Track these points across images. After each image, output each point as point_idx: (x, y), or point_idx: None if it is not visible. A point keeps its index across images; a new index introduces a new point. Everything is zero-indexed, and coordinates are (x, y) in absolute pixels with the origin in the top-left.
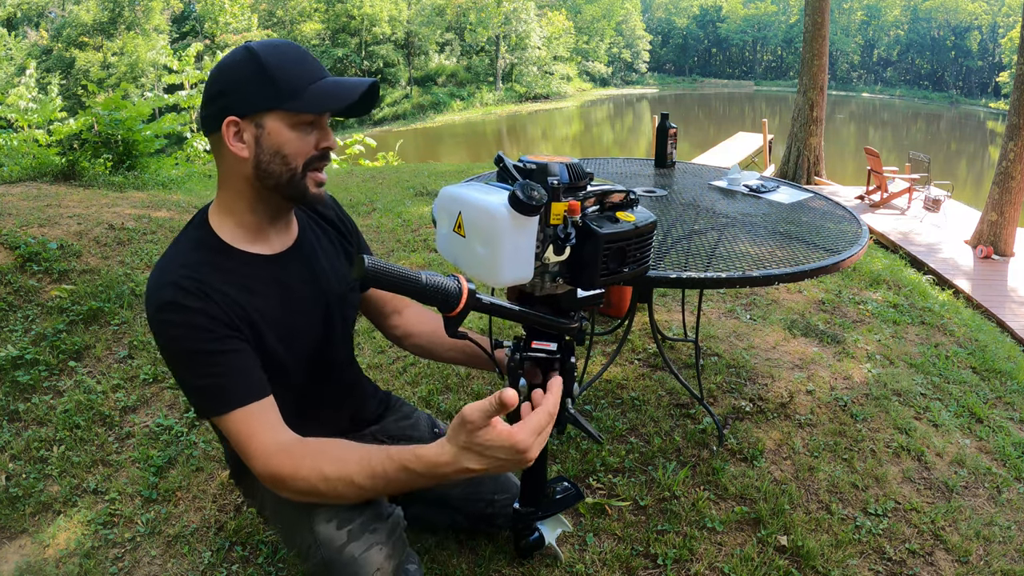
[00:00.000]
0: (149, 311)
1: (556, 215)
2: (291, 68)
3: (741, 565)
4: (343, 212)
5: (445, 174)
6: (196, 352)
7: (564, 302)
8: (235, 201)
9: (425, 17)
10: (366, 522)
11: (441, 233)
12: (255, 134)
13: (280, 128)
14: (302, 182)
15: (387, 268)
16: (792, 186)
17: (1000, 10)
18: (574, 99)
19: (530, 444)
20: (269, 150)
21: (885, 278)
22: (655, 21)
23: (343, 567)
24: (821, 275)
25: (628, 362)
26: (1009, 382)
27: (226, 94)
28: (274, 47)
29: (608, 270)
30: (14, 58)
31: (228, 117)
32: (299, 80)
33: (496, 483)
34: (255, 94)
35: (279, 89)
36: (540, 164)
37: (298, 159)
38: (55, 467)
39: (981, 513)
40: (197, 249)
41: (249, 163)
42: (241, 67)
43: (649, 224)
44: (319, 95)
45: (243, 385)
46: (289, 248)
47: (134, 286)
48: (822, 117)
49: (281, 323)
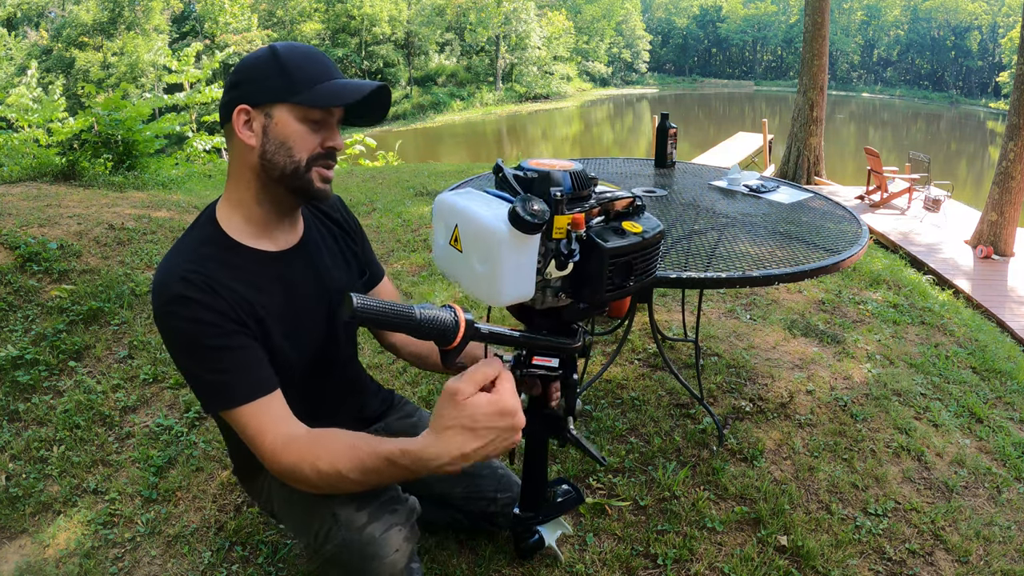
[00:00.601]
0: (156, 304)
1: (559, 229)
2: (307, 66)
3: (741, 565)
4: (349, 214)
5: (445, 174)
6: (203, 347)
7: (566, 314)
8: (243, 193)
9: (425, 17)
10: (386, 503)
11: (437, 244)
12: (264, 123)
13: (288, 120)
14: (306, 175)
15: (378, 307)
16: (792, 186)
17: (1000, 10)
18: (574, 99)
19: (517, 403)
20: (275, 140)
21: (885, 278)
22: (655, 21)
23: (363, 546)
24: (821, 275)
25: (628, 362)
26: (1009, 382)
27: (241, 84)
28: (295, 47)
29: (613, 285)
30: (14, 58)
31: (240, 105)
32: (311, 77)
33: (498, 481)
34: (268, 85)
35: (291, 82)
36: (542, 173)
37: (303, 153)
38: (55, 467)
39: (981, 513)
40: (204, 244)
41: (256, 152)
42: (260, 61)
43: (656, 234)
44: (327, 92)
45: (250, 380)
46: (295, 246)
47: (134, 286)
48: (822, 117)
49: (286, 320)
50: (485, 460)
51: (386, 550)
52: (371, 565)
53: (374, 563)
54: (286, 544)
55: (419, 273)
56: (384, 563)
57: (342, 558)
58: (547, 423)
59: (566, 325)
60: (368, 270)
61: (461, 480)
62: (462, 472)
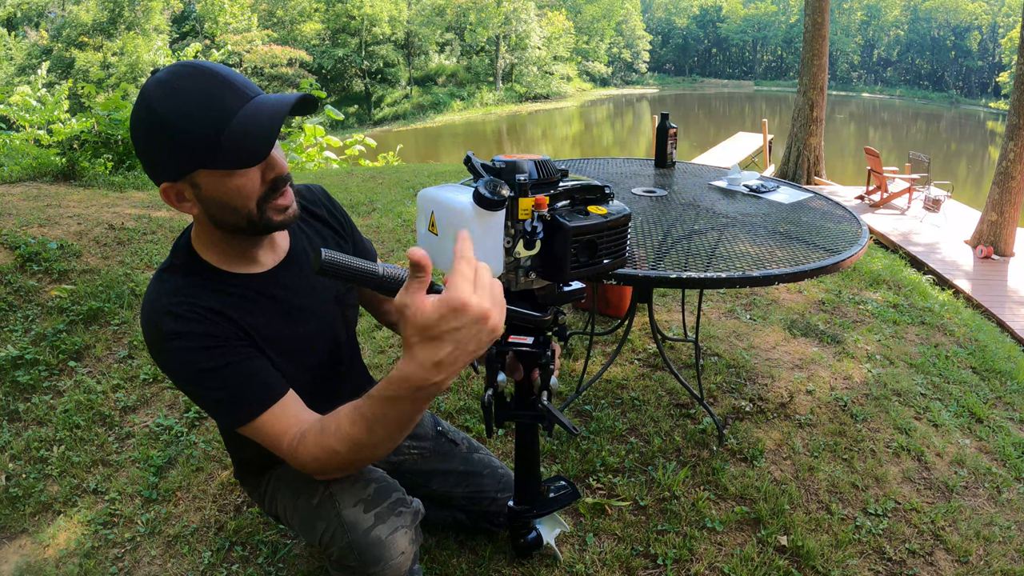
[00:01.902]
0: (149, 342)
1: (524, 210)
2: (195, 119)
3: (741, 565)
4: (334, 205)
5: (445, 174)
6: (207, 371)
7: (542, 297)
8: (210, 237)
9: (425, 17)
10: (393, 505)
11: (420, 233)
12: (194, 192)
13: (214, 181)
14: (263, 218)
15: (345, 261)
16: (792, 186)
17: (1000, 10)
18: (574, 99)
19: (467, 293)
20: (214, 204)
21: (885, 278)
22: (655, 21)
23: (369, 548)
24: (821, 275)
25: (628, 362)
26: (1009, 382)
27: (145, 160)
28: (171, 91)
29: (579, 263)
30: (14, 58)
31: (161, 184)
32: (207, 133)
33: (498, 481)
34: (171, 160)
35: (191, 151)
36: (509, 162)
37: (248, 202)
38: (55, 467)
39: (981, 513)
40: (187, 275)
41: (202, 216)
42: (147, 130)
43: (622, 217)
44: (235, 149)
45: (259, 390)
46: (281, 261)
47: (134, 286)
48: (822, 117)
49: (283, 338)
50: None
51: (392, 552)
52: (377, 568)
53: (379, 566)
54: (286, 544)
55: None
56: (390, 565)
57: (347, 561)
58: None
59: (539, 307)
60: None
61: (462, 480)
62: (463, 473)
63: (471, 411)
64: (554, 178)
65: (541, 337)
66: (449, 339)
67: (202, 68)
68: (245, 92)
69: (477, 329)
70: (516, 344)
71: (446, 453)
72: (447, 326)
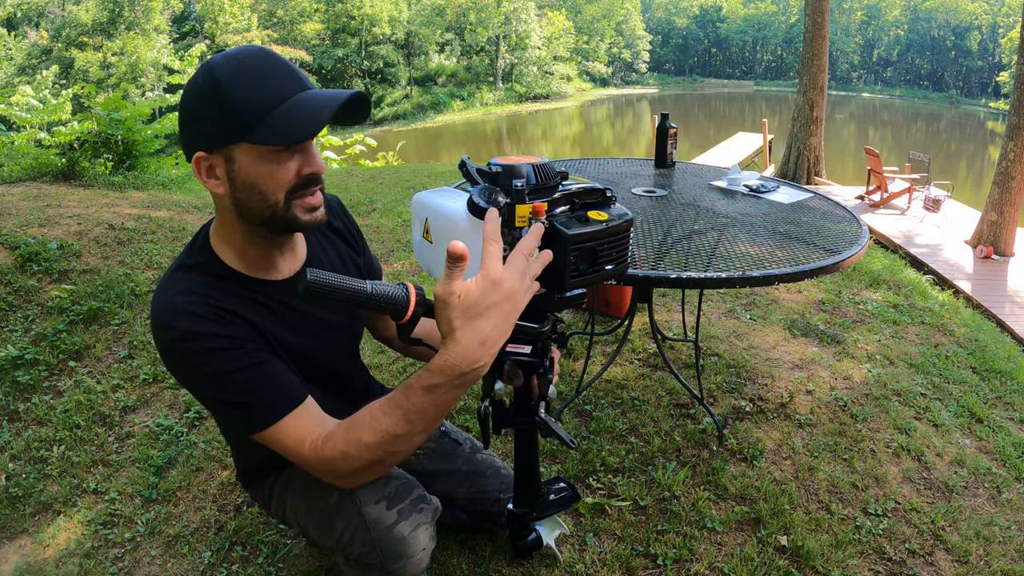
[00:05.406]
0: (161, 342)
1: (521, 217)
2: (255, 90)
3: (741, 565)
4: (349, 219)
5: (445, 174)
6: (225, 373)
7: (541, 304)
8: (231, 233)
9: (425, 17)
10: (415, 502)
11: (415, 240)
12: (226, 169)
13: (250, 161)
14: (288, 214)
15: (331, 281)
16: (792, 186)
17: (1000, 10)
18: (574, 99)
19: (502, 274)
20: (243, 185)
21: (885, 278)
22: (655, 21)
23: (392, 545)
24: (821, 275)
25: (628, 362)
26: (1009, 382)
27: (189, 126)
28: (237, 65)
29: (578, 271)
30: (14, 58)
31: (196, 153)
32: (264, 103)
33: (501, 482)
34: (217, 127)
35: (240, 119)
36: (506, 167)
37: (277, 192)
38: (55, 467)
39: (981, 513)
40: (204, 274)
41: (227, 198)
42: (201, 95)
43: (623, 223)
44: (283, 124)
45: (278, 394)
46: (299, 270)
47: (134, 286)
48: (822, 117)
49: (297, 348)
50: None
51: (414, 548)
52: (398, 564)
53: (401, 562)
54: (286, 544)
55: (419, 273)
56: (411, 562)
57: (369, 558)
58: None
59: (539, 313)
60: (368, 276)
61: (466, 481)
62: (466, 473)
63: (471, 411)
64: (553, 183)
65: (539, 344)
66: (490, 314)
67: (271, 53)
68: (304, 82)
69: (510, 306)
70: (514, 353)
71: (450, 453)
72: (488, 300)
